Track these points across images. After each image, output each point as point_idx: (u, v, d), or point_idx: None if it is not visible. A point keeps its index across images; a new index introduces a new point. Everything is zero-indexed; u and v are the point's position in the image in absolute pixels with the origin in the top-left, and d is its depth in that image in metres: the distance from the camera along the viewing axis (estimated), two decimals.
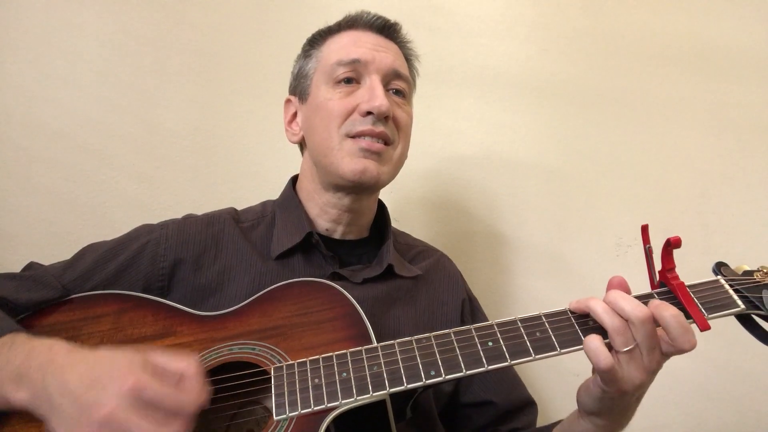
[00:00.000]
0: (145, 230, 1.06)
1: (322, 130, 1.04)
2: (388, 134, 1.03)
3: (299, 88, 1.13)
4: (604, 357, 0.74)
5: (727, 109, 1.59)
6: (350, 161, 1.01)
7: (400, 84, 1.08)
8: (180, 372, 0.70)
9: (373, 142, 1.01)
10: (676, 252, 0.85)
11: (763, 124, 1.58)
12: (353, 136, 1.02)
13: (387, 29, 1.11)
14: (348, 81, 1.04)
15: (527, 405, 1.13)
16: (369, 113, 1.01)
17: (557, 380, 1.48)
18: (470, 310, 1.17)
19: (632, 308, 0.75)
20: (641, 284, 0.87)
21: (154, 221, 1.09)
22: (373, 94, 1.01)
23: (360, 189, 1.05)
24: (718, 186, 1.56)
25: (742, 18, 1.63)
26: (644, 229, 0.88)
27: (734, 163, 1.57)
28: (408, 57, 1.16)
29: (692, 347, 0.75)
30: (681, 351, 0.75)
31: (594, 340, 0.75)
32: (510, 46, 1.62)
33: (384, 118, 1.02)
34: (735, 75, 1.61)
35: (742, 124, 1.58)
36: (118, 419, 0.64)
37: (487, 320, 0.88)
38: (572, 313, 0.82)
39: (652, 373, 0.77)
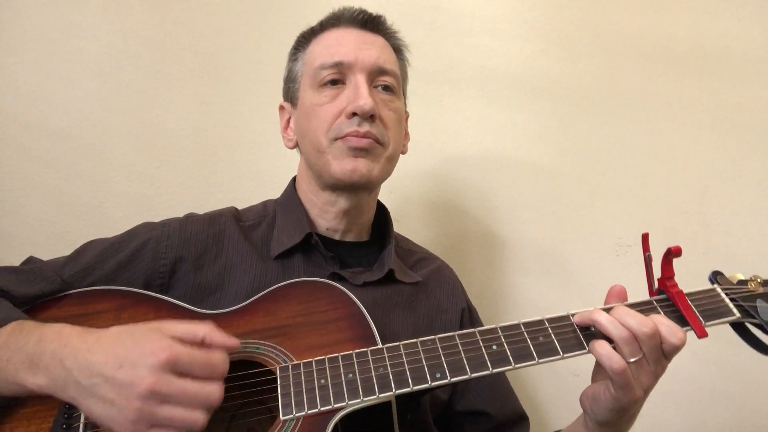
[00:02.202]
0: (146, 228, 1.06)
1: (312, 135, 1.04)
2: (375, 134, 1.02)
3: (290, 93, 1.13)
4: (617, 359, 0.76)
5: (727, 109, 1.60)
6: (340, 162, 1.01)
7: (386, 80, 1.07)
8: (202, 336, 0.72)
9: (360, 138, 1.01)
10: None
11: (763, 125, 1.58)
12: (342, 138, 1.01)
13: (371, 23, 1.09)
14: (333, 83, 1.04)
15: (520, 419, 1.14)
16: (354, 114, 1.00)
17: (557, 380, 1.48)
18: (469, 319, 1.17)
19: (638, 324, 0.78)
20: (641, 285, 0.89)
21: (155, 221, 1.08)
22: (357, 93, 1.01)
23: (353, 188, 1.05)
24: (718, 186, 1.57)
25: (742, 18, 1.63)
26: (645, 238, 0.89)
27: (734, 163, 1.58)
28: (397, 48, 1.14)
29: (680, 341, 0.78)
30: (673, 347, 0.78)
31: (604, 345, 0.78)
32: (510, 46, 1.62)
33: (370, 117, 1.01)
34: (735, 75, 1.61)
35: (742, 124, 1.59)
36: (161, 390, 0.66)
37: None
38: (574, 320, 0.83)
39: (658, 377, 0.80)
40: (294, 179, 1.18)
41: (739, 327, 0.88)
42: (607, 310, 0.81)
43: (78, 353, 0.71)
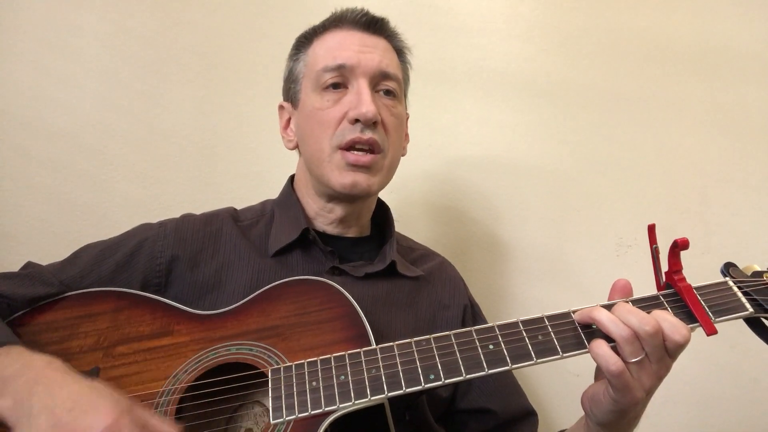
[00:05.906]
0: (143, 229, 1.06)
1: (313, 141, 1.03)
2: (377, 141, 1.01)
3: (290, 93, 1.12)
4: (614, 361, 0.73)
5: (727, 109, 1.59)
6: (339, 175, 1.00)
7: (389, 84, 1.06)
8: None
9: (361, 155, 1.00)
10: None
11: (763, 125, 1.57)
12: (344, 148, 1.00)
13: (373, 25, 1.08)
14: (335, 86, 1.03)
15: (527, 415, 1.11)
16: (357, 120, 0.99)
17: (557, 381, 1.48)
18: (472, 315, 1.16)
19: (640, 323, 0.74)
20: (641, 285, 0.86)
21: (154, 221, 1.08)
22: (359, 99, 0.99)
23: (351, 200, 1.05)
24: (718, 186, 1.56)
25: (742, 18, 1.62)
26: (651, 229, 0.86)
27: (734, 163, 1.57)
28: (399, 50, 1.13)
29: (684, 339, 0.74)
30: (676, 345, 0.74)
31: (602, 345, 0.75)
32: (510, 46, 1.62)
33: (373, 123, 1.00)
34: (735, 75, 1.60)
35: (742, 124, 1.58)
36: None
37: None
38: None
39: (661, 378, 0.77)
40: (292, 177, 1.18)
41: (753, 323, 0.83)
42: (609, 307, 0.78)
43: (51, 385, 0.70)
